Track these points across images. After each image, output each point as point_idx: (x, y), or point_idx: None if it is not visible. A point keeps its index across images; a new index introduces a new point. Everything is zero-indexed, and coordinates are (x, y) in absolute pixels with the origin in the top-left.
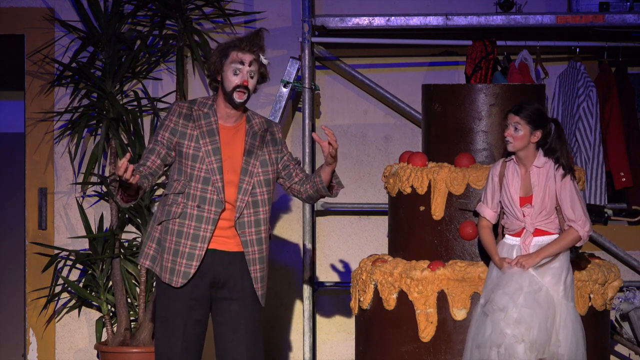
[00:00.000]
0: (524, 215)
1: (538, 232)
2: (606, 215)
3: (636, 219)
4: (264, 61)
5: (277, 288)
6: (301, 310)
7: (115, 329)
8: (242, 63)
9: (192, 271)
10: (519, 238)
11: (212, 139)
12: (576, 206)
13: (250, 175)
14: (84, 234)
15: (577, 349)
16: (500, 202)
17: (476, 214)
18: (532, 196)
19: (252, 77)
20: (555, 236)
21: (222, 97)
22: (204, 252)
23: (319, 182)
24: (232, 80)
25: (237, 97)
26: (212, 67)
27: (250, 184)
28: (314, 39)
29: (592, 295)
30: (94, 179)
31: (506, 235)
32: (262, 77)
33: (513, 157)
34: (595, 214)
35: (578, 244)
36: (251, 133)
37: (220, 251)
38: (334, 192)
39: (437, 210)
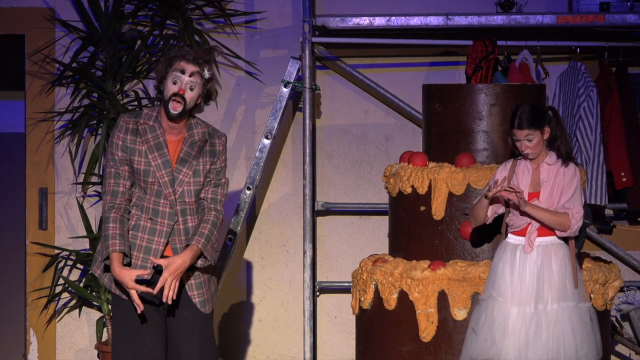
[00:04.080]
0: None
1: (542, 232)
2: (612, 224)
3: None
4: (206, 74)
5: (278, 288)
6: (301, 310)
7: None
8: (182, 72)
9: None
10: (523, 237)
11: (160, 152)
12: (577, 200)
13: (180, 184)
14: (85, 233)
15: (565, 350)
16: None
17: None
18: (540, 192)
19: (191, 89)
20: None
21: (163, 109)
22: (155, 265)
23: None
24: (170, 88)
25: (172, 108)
26: (157, 75)
27: (177, 193)
28: (315, 39)
29: (592, 295)
30: (94, 179)
31: (509, 235)
32: (208, 95)
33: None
34: (600, 222)
35: (562, 234)
36: (189, 142)
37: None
38: (198, 263)
39: (438, 210)
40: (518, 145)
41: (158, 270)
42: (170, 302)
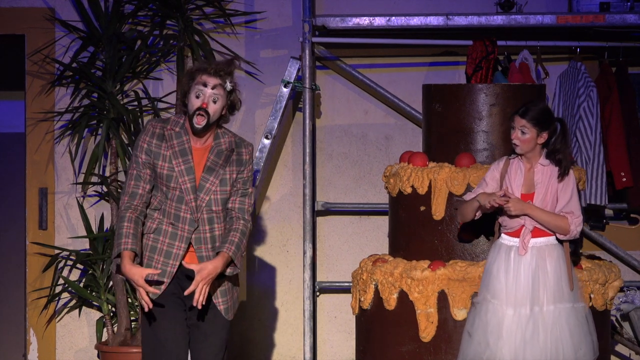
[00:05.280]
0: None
1: (536, 233)
2: (604, 221)
3: (636, 226)
4: (228, 86)
5: (278, 288)
6: (301, 310)
7: (115, 329)
8: (205, 85)
9: (163, 287)
10: (517, 238)
11: (184, 159)
12: (575, 203)
13: (207, 192)
14: (85, 233)
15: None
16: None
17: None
18: (534, 193)
19: (214, 102)
20: (553, 238)
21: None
22: (175, 270)
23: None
24: (194, 103)
25: (196, 122)
26: (180, 90)
27: (204, 201)
28: (315, 39)
29: (592, 295)
30: (94, 179)
31: (503, 235)
32: (232, 105)
33: (518, 155)
34: (594, 219)
35: (562, 237)
36: (216, 151)
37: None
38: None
39: (438, 210)
40: (511, 133)
41: (188, 277)
42: (200, 307)
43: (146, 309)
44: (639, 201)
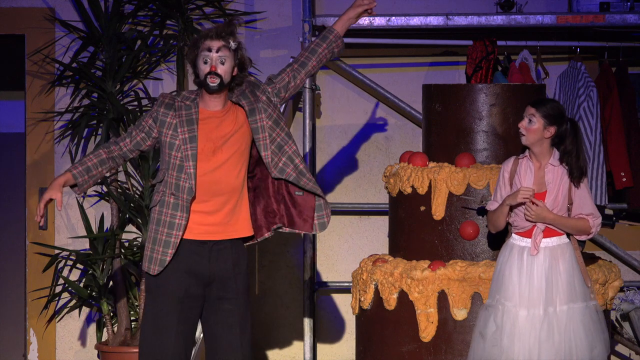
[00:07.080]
0: None
1: (548, 232)
2: (613, 219)
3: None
4: (232, 45)
5: (278, 288)
6: (301, 310)
7: (115, 329)
8: (209, 50)
9: (168, 259)
10: (529, 239)
11: (190, 128)
12: (592, 204)
13: (262, 129)
14: (85, 234)
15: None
16: None
17: (480, 213)
18: (545, 193)
19: (222, 63)
20: (564, 237)
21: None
22: (179, 240)
23: (330, 36)
24: (203, 69)
25: (210, 82)
26: (189, 62)
27: (266, 139)
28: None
29: (592, 295)
30: None
31: (514, 235)
32: (242, 64)
33: (527, 154)
34: (603, 217)
35: (582, 238)
36: (241, 97)
37: (212, 241)
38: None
39: (438, 210)
40: (520, 123)
41: (194, 273)
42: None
43: (37, 219)
44: (639, 201)
